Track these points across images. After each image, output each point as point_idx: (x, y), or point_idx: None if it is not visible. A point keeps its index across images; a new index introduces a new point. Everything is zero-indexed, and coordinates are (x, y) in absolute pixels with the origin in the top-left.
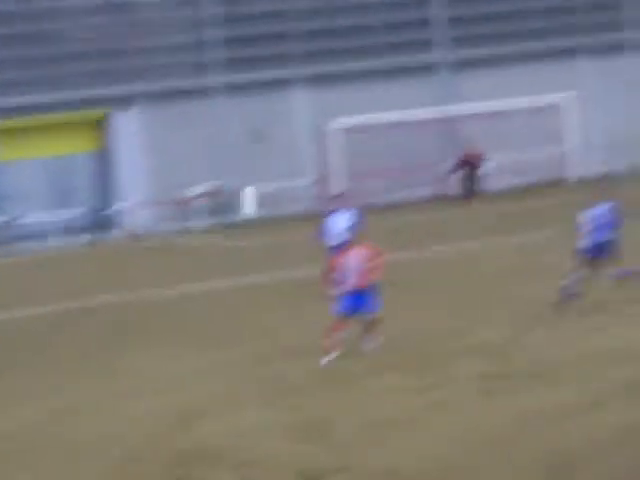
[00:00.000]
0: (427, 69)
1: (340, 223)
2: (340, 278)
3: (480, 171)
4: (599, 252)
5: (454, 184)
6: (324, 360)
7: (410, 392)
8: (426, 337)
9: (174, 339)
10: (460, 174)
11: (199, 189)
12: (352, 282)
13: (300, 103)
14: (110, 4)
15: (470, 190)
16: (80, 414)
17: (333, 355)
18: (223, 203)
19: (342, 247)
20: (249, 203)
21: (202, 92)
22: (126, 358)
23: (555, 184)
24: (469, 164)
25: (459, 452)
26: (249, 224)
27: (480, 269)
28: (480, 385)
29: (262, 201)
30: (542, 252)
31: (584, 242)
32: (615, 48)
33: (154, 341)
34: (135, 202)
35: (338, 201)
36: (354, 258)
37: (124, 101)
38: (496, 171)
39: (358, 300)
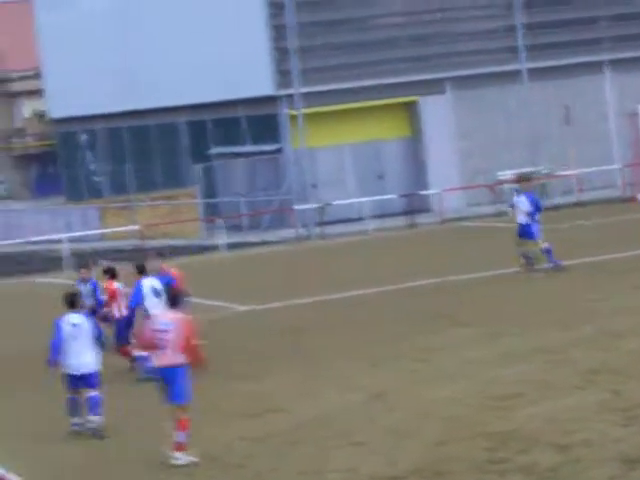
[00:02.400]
0: None
1: (525, 205)
2: None
3: None
4: None
5: None
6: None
7: None
8: None
9: (489, 321)
10: None
11: (510, 173)
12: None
13: (608, 87)
14: None
15: None
16: (388, 397)
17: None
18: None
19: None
20: None
21: (512, 76)
22: (437, 340)
23: None
24: None
25: None
26: (560, 208)
27: None
28: None
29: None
30: None
31: None
32: None
33: (467, 323)
34: (446, 186)
35: (523, 184)
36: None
37: (435, 86)
38: None
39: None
